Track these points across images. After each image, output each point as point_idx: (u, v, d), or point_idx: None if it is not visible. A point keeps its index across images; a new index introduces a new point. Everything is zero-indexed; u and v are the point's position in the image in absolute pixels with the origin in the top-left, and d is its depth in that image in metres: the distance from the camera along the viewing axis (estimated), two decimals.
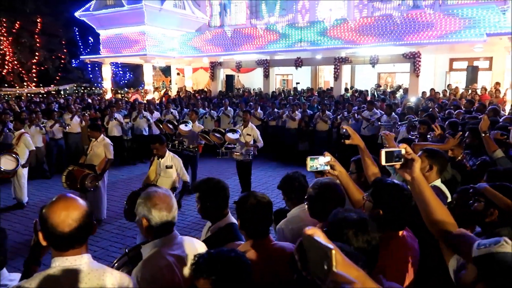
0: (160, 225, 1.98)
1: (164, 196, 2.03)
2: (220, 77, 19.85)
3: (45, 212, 1.57)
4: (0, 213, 7.22)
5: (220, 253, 1.53)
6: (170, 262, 1.94)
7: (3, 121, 9.33)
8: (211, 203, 2.50)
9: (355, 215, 1.60)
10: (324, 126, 10.94)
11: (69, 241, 1.56)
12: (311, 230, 1.04)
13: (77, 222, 1.55)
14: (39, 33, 24.95)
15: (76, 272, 1.57)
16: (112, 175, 7.21)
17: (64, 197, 1.62)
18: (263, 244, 2.10)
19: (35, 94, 21.97)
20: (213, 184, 2.53)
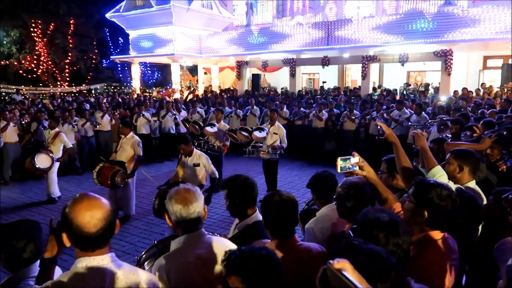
0: (180, 220, 1.97)
1: (184, 191, 2.01)
2: (247, 76, 19.90)
3: (70, 213, 1.54)
4: (34, 207, 7.52)
5: (251, 251, 1.51)
6: (189, 261, 1.92)
7: (38, 119, 9.69)
8: (239, 200, 2.48)
9: (386, 216, 1.55)
10: (351, 126, 10.78)
11: (95, 241, 1.55)
12: (339, 263, 0.98)
13: (103, 222, 1.54)
14: (71, 34, 25.74)
15: (103, 272, 1.57)
16: (140, 172, 7.35)
17: (87, 197, 1.60)
18: (288, 244, 2.06)
19: (68, 93, 22.68)
20: (241, 181, 2.52)
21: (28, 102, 13.44)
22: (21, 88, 22.32)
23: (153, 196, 4.92)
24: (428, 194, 1.91)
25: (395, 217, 1.62)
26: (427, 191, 1.92)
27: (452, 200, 1.91)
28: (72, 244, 1.57)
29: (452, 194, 1.91)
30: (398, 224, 1.55)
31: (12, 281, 1.96)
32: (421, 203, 1.92)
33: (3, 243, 1.99)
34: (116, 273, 1.60)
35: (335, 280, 0.96)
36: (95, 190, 7.67)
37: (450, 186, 2.05)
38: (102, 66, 28.37)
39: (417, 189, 1.97)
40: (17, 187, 9.00)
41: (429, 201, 1.90)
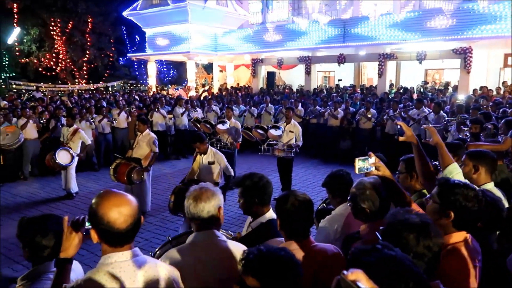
0: (190, 216, 2.01)
1: (199, 188, 2.04)
2: (262, 74, 19.88)
3: (99, 210, 1.55)
4: (52, 203, 7.67)
5: (270, 251, 1.50)
6: (195, 259, 1.93)
7: (56, 116, 9.87)
8: (253, 198, 2.48)
9: (416, 217, 1.52)
10: (367, 124, 10.66)
11: (125, 237, 1.58)
12: (354, 275, 0.95)
13: (132, 218, 1.57)
14: (89, 32, 26.12)
15: (133, 266, 1.59)
16: (155, 169, 7.43)
17: (114, 193, 1.62)
18: (303, 246, 2.04)
19: (85, 90, 23.04)
20: (257, 179, 2.51)
21: (47, 99, 13.69)
22: (40, 86, 22.74)
23: (169, 193, 4.96)
24: (454, 195, 1.87)
25: (425, 218, 1.58)
26: (452, 192, 1.88)
27: (478, 200, 1.87)
28: (100, 241, 1.59)
29: (478, 195, 1.87)
30: (428, 226, 1.51)
31: (35, 274, 2.00)
32: (447, 204, 1.88)
33: (28, 237, 2.03)
34: (144, 266, 1.63)
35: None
36: (112, 186, 7.79)
37: None
38: (119, 64, 28.70)
39: (442, 190, 1.93)
40: (36, 182, 9.19)
41: (455, 202, 1.86)
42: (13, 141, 8.53)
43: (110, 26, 27.07)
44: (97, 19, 26.07)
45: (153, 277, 1.63)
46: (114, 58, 27.86)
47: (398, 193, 2.20)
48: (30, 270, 2.04)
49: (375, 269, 1.12)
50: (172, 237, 2.68)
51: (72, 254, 1.77)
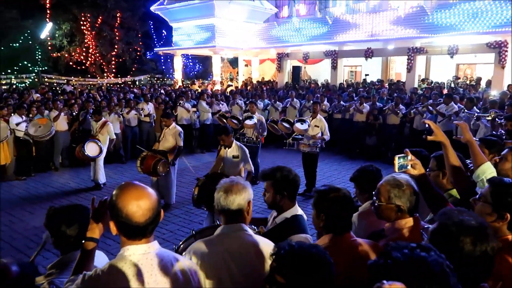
0: (220, 209, 2.00)
1: (230, 181, 2.05)
2: (287, 69, 19.75)
3: (118, 203, 1.54)
4: (81, 193, 7.89)
5: (301, 248, 1.46)
6: (222, 252, 1.92)
7: (86, 108, 10.13)
8: (283, 191, 2.44)
9: (473, 220, 1.44)
10: (395, 120, 10.43)
11: (143, 230, 1.57)
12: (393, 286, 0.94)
13: (151, 212, 1.56)
14: (118, 27, 26.62)
15: (151, 259, 1.60)
16: (180, 162, 7.51)
17: (134, 186, 1.60)
18: (342, 240, 2.00)
19: (113, 84, 23.54)
20: (287, 172, 2.47)
21: (77, 92, 14.06)
22: (71, 79, 23.40)
23: (193, 185, 4.99)
24: (510, 196, 1.78)
25: (482, 220, 1.50)
26: (508, 192, 1.79)
27: None
28: (118, 233, 1.60)
29: None
30: (486, 229, 1.44)
31: (62, 263, 2.05)
32: (501, 205, 1.79)
33: (54, 226, 2.08)
34: (162, 260, 1.63)
35: None
36: (138, 178, 7.93)
37: None
38: (146, 58, 29.15)
39: (495, 190, 1.84)
40: (66, 173, 9.48)
41: (510, 203, 1.77)
42: (45, 133, 8.80)
43: (138, 21, 27.50)
44: (125, 14, 26.53)
45: (171, 270, 1.63)
46: (141, 52, 28.32)
47: (433, 194, 2.11)
48: (58, 259, 2.09)
49: (400, 266, 1.13)
50: (195, 231, 2.68)
51: (98, 234, 1.78)
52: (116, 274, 1.54)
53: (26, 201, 7.41)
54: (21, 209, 6.92)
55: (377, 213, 2.17)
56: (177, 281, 1.65)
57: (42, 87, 15.25)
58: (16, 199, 7.52)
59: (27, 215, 6.67)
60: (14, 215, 6.63)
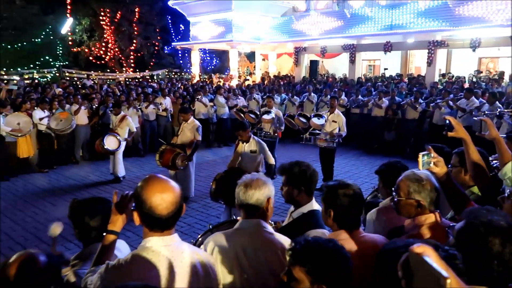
0: (239, 203, 2.01)
1: (251, 177, 2.05)
2: (304, 63, 19.62)
3: (143, 194, 1.58)
4: (101, 186, 8.04)
5: (318, 242, 1.48)
6: (238, 246, 1.93)
7: (105, 103, 10.30)
8: (300, 186, 2.44)
9: (502, 220, 1.40)
10: (414, 115, 10.27)
11: (165, 223, 1.61)
12: (420, 248, 0.92)
13: (174, 206, 1.59)
14: (136, 22, 26.85)
15: (172, 251, 1.64)
16: (199, 156, 7.58)
17: (159, 179, 1.64)
18: (353, 236, 1.99)
19: (132, 78, 23.82)
20: (305, 167, 2.47)
21: (97, 87, 14.29)
22: (90, 74, 23.77)
23: (211, 179, 5.04)
24: None
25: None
26: None
27: None
28: (141, 224, 1.64)
29: None
30: None
31: (85, 254, 2.11)
32: None
33: (77, 218, 2.13)
34: (182, 252, 1.67)
35: (417, 266, 0.92)
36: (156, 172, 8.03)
37: None
38: (164, 52, 29.35)
39: None
40: (87, 166, 9.68)
41: None
42: (66, 127, 9.00)
43: (156, 16, 27.67)
44: (144, 8, 26.73)
45: (190, 263, 1.67)
46: (159, 47, 28.51)
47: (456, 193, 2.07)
48: (81, 251, 2.15)
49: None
50: (213, 226, 2.72)
51: (119, 227, 1.83)
52: (138, 264, 1.59)
53: (49, 193, 7.61)
54: (43, 201, 7.12)
55: (397, 209, 2.14)
56: (197, 273, 1.69)
57: (63, 82, 15.53)
58: (39, 191, 7.73)
59: (49, 206, 6.86)
60: (37, 207, 6.82)
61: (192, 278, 1.67)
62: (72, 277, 1.93)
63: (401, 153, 9.86)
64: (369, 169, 9.20)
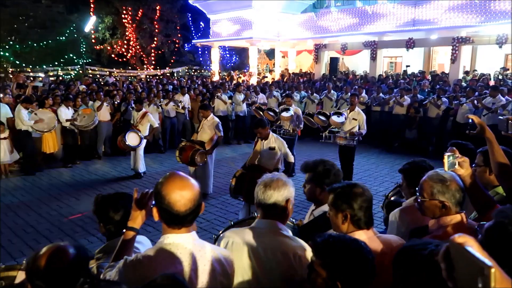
0: (258, 202, 2.00)
1: (271, 176, 2.03)
2: (324, 60, 19.45)
3: (163, 190, 1.61)
4: (123, 181, 8.20)
5: (339, 238, 1.47)
6: (243, 242, 1.93)
7: (127, 99, 10.47)
8: (323, 185, 2.43)
9: None
10: (436, 113, 10.06)
11: (182, 220, 1.63)
12: (461, 238, 0.90)
13: (192, 203, 1.62)
14: (157, 19, 27.15)
15: (190, 248, 1.66)
16: (218, 153, 7.64)
17: (179, 177, 1.66)
18: (368, 236, 1.96)
19: (153, 76, 24.12)
20: (329, 166, 2.46)
21: (119, 84, 14.55)
22: (113, 71, 24.20)
23: (230, 176, 5.08)
24: None
25: None
26: None
27: None
28: (160, 219, 1.67)
29: None
30: None
31: (109, 247, 2.16)
32: None
33: (102, 212, 2.19)
34: (200, 250, 1.69)
35: (458, 256, 0.90)
36: (176, 168, 8.15)
37: None
38: (184, 50, 29.59)
39: None
40: (109, 161, 9.87)
41: None
42: (89, 123, 9.20)
43: (176, 13, 27.90)
44: (165, 6, 26.99)
45: (209, 259, 1.69)
46: (179, 44, 28.76)
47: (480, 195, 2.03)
48: (105, 244, 2.20)
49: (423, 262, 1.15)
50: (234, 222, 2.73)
51: (139, 224, 1.86)
52: (157, 260, 1.62)
53: (72, 187, 7.80)
54: (67, 195, 7.31)
55: (421, 209, 2.10)
56: (214, 270, 1.71)
57: (86, 79, 15.88)
58: (63, 185, 7.93)
59: (73, 200, 7.03)
60: (61, 201, 7.01)
61: (211, 274, 1.69)
62: (96, 271, 1.98)
63: (423, 152, 9.67)
64: (389, 167, 9.08)
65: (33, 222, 6.05)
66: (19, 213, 6.43)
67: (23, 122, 8.26)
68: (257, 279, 1.90)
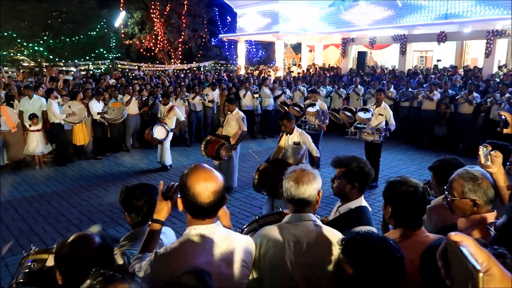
0: (290, 198, 1.97)
1: (300, 170, 1.99)
2: (352, 54, 19.14)
3: (188, 181, 1.65)
4: (149, 173, 8.37)
5: (368, 236, 1.45)
6: (283, 239, 1.91)
7: (155, 93, 10.66)
8: (354, 182, 2.40)
9: None
10: (468, 109, 9.73)
11: (206, 211, 1.67)
12: (457, 236, 0.87)
13: (215, 195, 1.65)
14: (185, 14, 27.40)
15: (215, 238, 1.70)
16: (243, 147, 7.67)
17: (204, 169, 1.70)
18: (414, 235, 1.93)
19: (180, 70, 24.41)
20: (362, 164, 2.43)
21: (147, 78, 14.81)
22: (141, 65, 24.66)
23: (254, 170, 5.09)
24: None
25: None
26: None
27: None
28: (184, 210, 1.71)
29: None
30: None
31: (134, 236, 2.24)
32: None
33: (127, 202, 2.26)
34: (225, 240, 1.73)
35: (454, 255, 0.87)
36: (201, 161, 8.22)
37: None
38: (211, 44, 29.77)
39: None
40: (137, 154, 10.10)
41: None
42: (118, 116, 9.43)
43: (204, 8, 28.07)
44: (192, 1, 27.19)
45: (234, 249, 1.73)
46: (206, 39, 28.95)
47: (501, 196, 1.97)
48: (129, 233, 2.29)
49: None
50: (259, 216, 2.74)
51: (164, 216, 1.90)
52: (185, 251, 1.66)
53: (102, 178, 8.04)
54: (97, 186, 7.54)
55: (450, 208, 2.05)
56: (240, 260, 1.75)
57: (116, 73, 16.25)
58: (93, 176, 8.19)
59: (102, 191, 7.25)
60: (91, 191, 7.24)
61: (237, 264, 1.73)
62: (119, 257, 2.05)
63: (453, 149, 9.39)
64: (417, 164, 8.87)
65: (64, 211, 6.28)
66: (51, 202, 6.69)
67: (55, 115, 8.55)
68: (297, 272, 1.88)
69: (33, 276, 2.14)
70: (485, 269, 0.80)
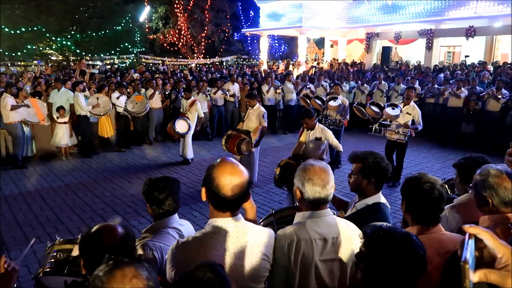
0: (312, 200, 1.93)
1: (320, 171, 1.95)
2: (376, 49, 18.82)
3: (213, 173, 1.68)
4: (172, 167, 8.50)
5: (389, 231, 1.42)
6: (310, 238, 1.89)
7: (177, 87, 10.78)
8: (371, 178, 2.38)
9: None
10: (495, 106, 9.43)
11: (228, 204, 1.69)
12: (473, 228, 0.86)
13: (238, 189, 1.67)
14: (208, 9, 27.55)
15: (237, 231, 1.73)
16: (263, 142, 7.67)
17: (231, 163, 1.73)
18: (430, 232, 1.91)
19: (202, 64, 24.60)
20: (379, 159, 2.41)
21: (169, 72, 15.00)
22: (164, 60, 24.97)
23: (275, 166, 5.10)
24: None
25: None
26: None
27: None
28: (207, 201, 1.74)
29: None
30: None
31: (155, 228, 2.29)
32: None
33: (150, 193, 2.31)
34: (247, 233, 1.75)
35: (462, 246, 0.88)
36: (222, 155, 8.29)
37: None
38: (234, 39, 29.83)
39: None
40: (159, 147, 10.26)
41: None
42: (141, 110, 9.59)
43: (227, 3, 28.15)
44: None
45: (252, 242, 1.74)
46: (229, 33, 29.03)
47: None
48: (151, 225, 2.34)
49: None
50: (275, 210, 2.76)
51: None
52: (204, 243, 1.70)
53: (125, 170, 8.21)
54: (121, 178, 7.71)
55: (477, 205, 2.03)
56: (259, 253, 1.77)
57: (140, 67, 16.51)
58: (117, 168, 8.37)
59: (126, 183, 7.41)
60: (115, 183, 7.41)
61: (256, 257, 1.75)
62: (140, 249, 2.10)
63: (480, 147, 9.13)
64: (441, 163, 8.68)
65: (89, 202, 6.46)
66: (77, 192, 6.89)
67: (81, 107, 8.77)
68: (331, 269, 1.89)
69: (59, 265, 2.22)
70: (504, 264, 0.79)
